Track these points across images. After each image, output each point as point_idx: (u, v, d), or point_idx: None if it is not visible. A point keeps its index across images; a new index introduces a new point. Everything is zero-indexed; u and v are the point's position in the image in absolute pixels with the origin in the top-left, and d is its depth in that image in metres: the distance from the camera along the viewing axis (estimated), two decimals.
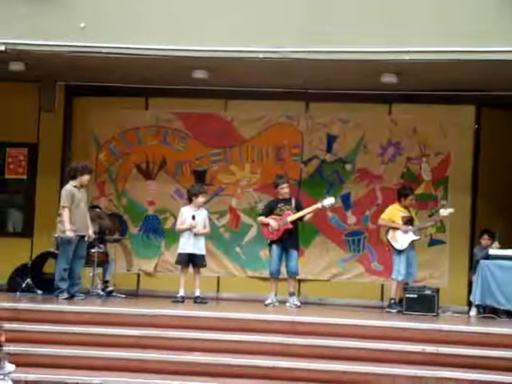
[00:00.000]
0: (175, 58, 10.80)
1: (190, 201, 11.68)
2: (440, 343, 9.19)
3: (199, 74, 11.62)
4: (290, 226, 11.40)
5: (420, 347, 9.08)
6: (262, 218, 11.65)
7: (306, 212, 11.48)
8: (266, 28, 10.69)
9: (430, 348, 9.06)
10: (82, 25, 10.73)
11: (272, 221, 11.44)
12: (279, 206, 11.55)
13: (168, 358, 9.04)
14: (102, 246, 12.06)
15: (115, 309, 10.14)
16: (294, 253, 11.49)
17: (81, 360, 9.01)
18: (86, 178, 11.33)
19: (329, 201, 11.55)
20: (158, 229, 13.29)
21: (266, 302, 11.42)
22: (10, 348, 8.37)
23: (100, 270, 12.06)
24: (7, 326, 8.77)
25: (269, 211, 11.62)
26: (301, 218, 11.52)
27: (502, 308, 11.06)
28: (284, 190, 11.60)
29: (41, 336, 9.37)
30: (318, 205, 11.53)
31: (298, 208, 11.54)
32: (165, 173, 13.32)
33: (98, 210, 12.44)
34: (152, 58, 10.84)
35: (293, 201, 11.61)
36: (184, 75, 11.68)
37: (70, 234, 10.95)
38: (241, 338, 9.37)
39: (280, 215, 11.48)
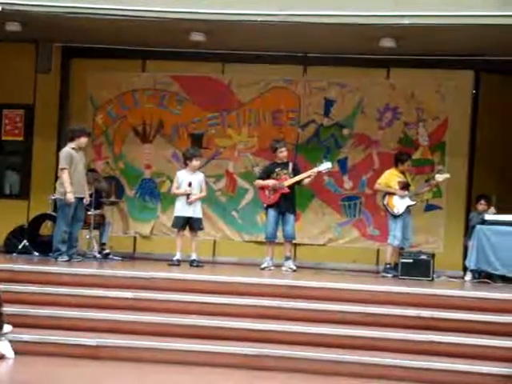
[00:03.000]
0: (172, 20, 10.73)
1: (186, 164, 11.66)
2: (435, 308, 9.20)
3: (197, 37, 11.55)
4: (287, 190, 11.40)
5: (415, 311, 9.10)
6: (260, 182, 11.64)
7: (303, 177, 11.45)
8: None
9: (424, 312, 9.07)
10: None
11: (272, 181, 11.43)
12: (276, 170, 11.53)
13: (163, 320, 9.06)
14: (98, 208, 12.07)
15: (111, 271, 10.15)
16: (290, 217, 11.49)
17: (77, 321, 9.03)
18: (83, 140, 11.26)
19: (326, 165, 11.56)
20: (154, 192, 13.31)
21: (262, 266, 11.44)
22: (7, 309, 8.41)
23: (97, 233, 12.09)
24: (3, 287, 8.82)
25: (266, 175, 11.60)
26: (298, 182, 11.53)
27: (497, 273, 11.10)
28: (282, 153, 11.57)
29: (37, 297, 9.38)
30: (315, 169, 11.52)
31: (296, 172, 11.51)
32: (161, 136, 13.31)
33: (94, 172, 12.42)
34: (149, 20, 10.78)
35: (290, 165, 11.58)
36: (182, 38, 11.61)
37: (70, 196, 10.92)
38: (236, 301, 9.37)
39: (277, 179, 11.47)
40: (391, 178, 11.72)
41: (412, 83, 12.78)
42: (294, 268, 11.45)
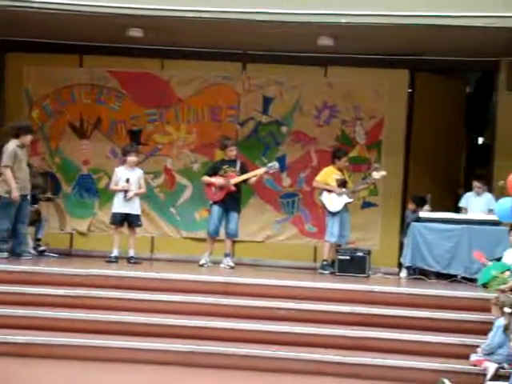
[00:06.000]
0: (108, 15, 10.64)
1: (124, 161, 11.59)
2: (370, 304, 9.31)
3: (134, 33, 11.48)
4: (233, 189, 11.40)
5: (350, 308, 9.20)
6: (207, 178, 11.61)
7: (250, 176, 11.50)
8: None
9: (360, 309, 9.18)
10: None
11: (219, 179, 11.41)
12: (224, 167, 11.53)
13: (99, 317, 9.01)
14: (34, 204, 11.92)
15: (47, 268, 10.04)
16: (234, 215, 11.50)
17: (9, 319, 8.94)
18: (28, 137, 11.09)
19: (273, 166, 11.61)
20: (91, 188, 13.19)
21: (200, 263, 11.43)
22: None
23: (32, 229, 11.93)
24: None
25: (213, 172, 11.59)
26: (244, 181, 11.54)
27: (432, 270, 11.28)
28: (232, 152, 11.58)
29: None
30: (262, 169, 11.61)
31: (243, 171, 11.53)
32: (99, 132, 13.19)
33: (30, 168, 12.24)
34: (85, 14, 10.66)
35: (238, 163, 11.59)
36: (120, 33, 11.52)
37: (15, 193, 10.75)
38: (174, 298, 9.38)
39: (224, 176, 11.46)
40: (329, 175, 11.80)
41: (349, 82, 12.87)
42: (233, 265, 11.47)
